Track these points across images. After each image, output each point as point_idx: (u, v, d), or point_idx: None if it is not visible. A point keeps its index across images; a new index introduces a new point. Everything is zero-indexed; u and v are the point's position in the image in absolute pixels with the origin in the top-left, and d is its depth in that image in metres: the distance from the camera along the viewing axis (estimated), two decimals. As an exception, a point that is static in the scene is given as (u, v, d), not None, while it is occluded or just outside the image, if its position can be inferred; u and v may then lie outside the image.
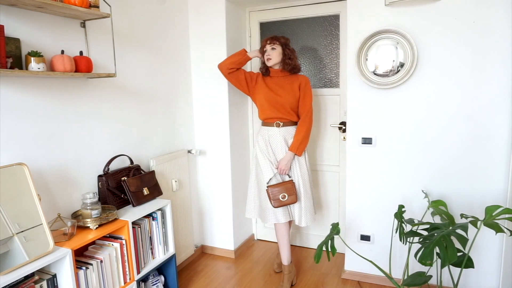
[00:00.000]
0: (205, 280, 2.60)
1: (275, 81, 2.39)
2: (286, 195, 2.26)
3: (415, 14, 2.15)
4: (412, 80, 2.21)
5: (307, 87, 2.37)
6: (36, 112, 1.70)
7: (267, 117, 2.39)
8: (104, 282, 1.80)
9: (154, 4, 2.44)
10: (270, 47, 2.33)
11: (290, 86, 2.36)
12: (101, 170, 2.07)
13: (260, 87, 2.40)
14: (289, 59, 2.34)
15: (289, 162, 2.32)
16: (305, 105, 2.36)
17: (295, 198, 2.27)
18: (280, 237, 2.42)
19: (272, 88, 2.37)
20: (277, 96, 2.34)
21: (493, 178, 2.11)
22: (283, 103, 2.33)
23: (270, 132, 2.38)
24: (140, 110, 2.36)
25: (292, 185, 2.28)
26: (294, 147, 2.32)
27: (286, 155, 2.32)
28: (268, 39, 2.35)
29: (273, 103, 2.34)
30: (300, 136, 2.32)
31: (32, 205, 1.54)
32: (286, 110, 2.35)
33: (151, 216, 2.15)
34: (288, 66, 2.34)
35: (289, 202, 2.27)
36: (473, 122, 2.11)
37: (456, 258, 1.55)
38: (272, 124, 2.38)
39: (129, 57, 2.25)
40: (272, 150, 2.37)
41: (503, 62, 2.00)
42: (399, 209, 1.96)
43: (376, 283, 2.49)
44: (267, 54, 2.34)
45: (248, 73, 2.44)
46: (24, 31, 1.63)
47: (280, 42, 2.33)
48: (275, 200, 2.26)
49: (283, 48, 2.34)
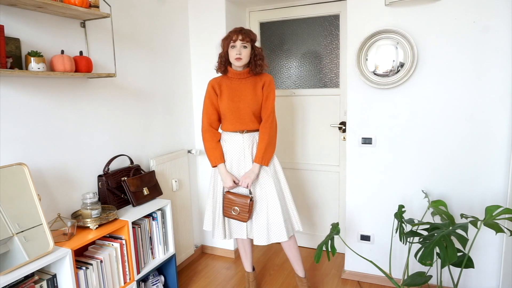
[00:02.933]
0: (205, 280, 2.60)
1: (236, 86, 2.07)
2: (238, 209, 2.02)
3: (415, 14, 2.15)
4: (412, 80, 2.21)
5: (270, 86, 2.07)
6: (36, 112, 1.70)
7: (229, 129, 2.10)
8: (104, 282, 1.79)
9: (154, 4, 2.44)
10: (241, 44, 1.98)
11: (252, 90, 2.05)
12: (101, 170, 2.07)
13: (222, 97, 2.08)
14: (260, 59, 2.04)
15: (255, 174, 2.03)
16: (267, 107, 2.06)
17: (246, 217, 2.01)
18: (241, 245, 2.32)
19: (233, 95, 2.06)
20: (238, 103, 2.05)
21: (493, 178, 2.11)
22: (247, 112, 2.05)
23: (234, 137, 2.10)
24: (140, 110, 2.36)
25: (249, 203, 2.00)
26: (259, 158, 2.02)
27: (252, 168, 2.04)
28: (240, 33, 1.98)
29: (234, 113, 2.05)
30: (263, 145, 2.03)
31: (32, 205, 1.54)
32: (250, 119, 2.06)
33: (151, 216, 2.15)
34: (258, 68, 2.04)
35: (237, 218, 2.03)
36: (473, 122, 2.11)
37: (456, 258, 1.55)
38: (236, 131, 2.09)
39: (129, 57, 2.25)
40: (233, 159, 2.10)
41: (503, 62, 2.00)
42: (399, 209, 1.96)
43: (376, 283, 2.49)
44: (237, 52, 1.98)
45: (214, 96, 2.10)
46: (24, 31, 1.63)
47: (252, 40, 2.02)
48: (227, 209, 2.06)
49: (253, 46, 2.04)
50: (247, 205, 2.01)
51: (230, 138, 2.10)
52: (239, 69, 2.07)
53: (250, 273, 2.40)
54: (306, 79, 2.91)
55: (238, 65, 2.02)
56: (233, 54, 2.00)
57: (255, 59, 2.03)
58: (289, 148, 3.02)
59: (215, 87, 2.09)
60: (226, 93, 2.07)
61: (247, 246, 2.34)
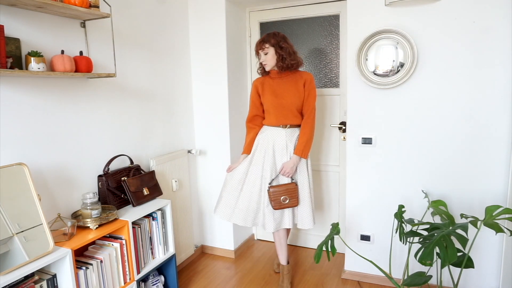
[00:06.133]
0: (205, 280, 2.60)
1: (278, 83, 2.29)
2: (287, 197, 2.18)
3: (415, 14, 2.15)
4: (412, 80, 2.21)
5: (311, 85, 2.27)
6: (36, 112, 1.70)
7: (272, 123, 2.31)
8: (104, 282, 1.80)
9: (154, 4, 2.44)
10: (262, 52, 2.25)
11: (294, 87, 2.26)
12: (101, 170, 2.07)
13: (264, 95, 2.31)
14: (282, 60, 2.22)
15: (295, 165, 2.24)
16: (309, 104, 2.27)
17: (296, 201, 2.20)
18: (278, 239, 2.40)
19: (276, 92, 2.28)
20: (281, 99, 2.26)
21: (493, 178, 2.11)
22: (289, 107, 2.26)
23: (276, 131, 2.30)
24: (140, 110, 2.36)
25: (295, 188, 2.20)
26: (299, 151, 2.24)
27: (292, 159, 2.24)
28: (257, 43, 2.27)
29: (278, 109, 2.27)
30: (304, 139, 2.24)
31: (32, 205, 1.54)
32: (293, 113, 2.27)
33: (151, 216, 2.15)
34: (283, 68, 2.24)
35: (290, 205, 2.20)
36: (473, 122, 2.11)
37: (456, 258, 1.55)
38: (278, 126, 2.30)
39: (129, 57, 2.25)
40: (274, 151, 2.29)
41: (503, 62, 2.00)
42: (399, 209, 1.96)
43: (376, 283, 2.49)
44: (262, 60, 2.27)
45: (256, 95, 2.36)
46: (24, 31, 1.63)
47: (271, 44, 2.22)
48: (275, 201, 2.18)
49: (276, 49, 2.22)
50: (295, 190, 2.20)
51: (273, 132, 2.31)
52: (274, 68, 2.30)
53: (285, 266, 2.43)
54: (306, 79, 2.91)
55: (267, 70, 2.30)
56: (261, 62, 2.30)
57: (278, 60, 2.23)
58: (289, 148, 3.02)
59: (258, 87, 2.35)
60: (269, 91, 2.31)
61: (283, 239, 2.39)
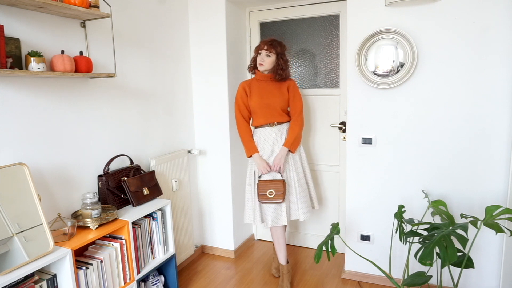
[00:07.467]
0: (205, 280, 2.60)
1: (264, 86, 2.40)
2: (273, 191, 2.26)
3: (415, 14, 2.15)
4: (412, 80, 2.21)
5: (295, 88, 2.42)
6: (36, 112, 1.70)
7: (260, 123, 2.41)
8: (104, 282, 1.79)
9: (154, 4, 2.44)
10: (265, 53, 2.33)
11: (278, 90, 2.39)
12: (101, 170, 2.07)
13: (251, 96, 2.40)
14: (281, 69, 2.34)
15: (283, 157, 2.32)
16: (296, 106, 2.40)
17: (282, 197, 2.26)
18: (276, 238, 2.42)
19: (261, 93, 2.39)
20: (267, 100, 2.37)
21: (493, 178, 2.11)
22: (274, 106, 2.36)
23: (265, 131, 2.39)
24: (140, 110, 2.36)
25: (282, 185, 2.26)
26: (288, 143, 2.34)
27: (280, 151, 2.34)
28: (266, 43, 2.34)
29: (265, 108, 2.37)
30: (294, 135, 2.35)
31: (32, 205, 1.54)
32: (278, 112, 2.38)
33: (151, 216, 2.15)
34: (278, 77, 2.35)
35: (275, 199, 2.26)
36: (473, 122, 2.11)
37: (456, 258, 1.55)
38: (266, 125, 2.40)
39: (129, 57, 2.25)
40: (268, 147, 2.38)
41: (503, 62, 2.00)
42: (399, 209, 1.96)
43: (376, 283, 2.49)
44: (261, 59, 2.35)
45: (245, 96, 2.42)
46: (24, 31, 1.63)
47: (277, 51, 2.33)
48: (262, 194, 2.27)
49: (278, 58, 2.34)
50: (281, 186, 2.26)
51: (262, 132, 2.40)
52: (264, 72, 2.40)
53: (284, 265, 2.43)
54: (306, 79, 2.91)
55: (261, 69, 2.39)
56: (258, 60, 2.37)
57: (277, 69, 2.35)
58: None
59: (246, 88, 2.43)
60: (256, 92, 2.40)
61: (281, 238, 2.41)
